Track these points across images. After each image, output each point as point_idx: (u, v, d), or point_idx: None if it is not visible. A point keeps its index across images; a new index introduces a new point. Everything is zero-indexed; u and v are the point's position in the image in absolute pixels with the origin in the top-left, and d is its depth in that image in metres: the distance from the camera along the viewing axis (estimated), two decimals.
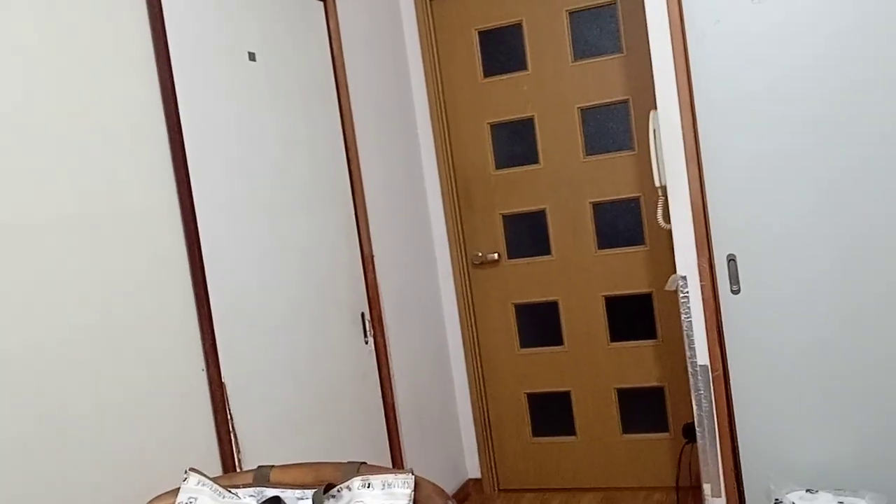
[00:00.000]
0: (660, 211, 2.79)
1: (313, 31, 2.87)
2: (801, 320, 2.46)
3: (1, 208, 1.63)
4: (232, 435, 2.21)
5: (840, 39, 2.33)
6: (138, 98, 2.03)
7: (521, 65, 3.49)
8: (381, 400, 3.03)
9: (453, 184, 3.63)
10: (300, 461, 2.49)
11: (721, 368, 2.57)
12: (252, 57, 2.51)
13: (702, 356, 2.58)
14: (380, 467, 1.48)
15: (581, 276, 3.51)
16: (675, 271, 2.63)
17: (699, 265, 2.55)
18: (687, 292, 2.57)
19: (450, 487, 3.56)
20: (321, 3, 2.94)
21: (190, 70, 2.23)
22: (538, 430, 3.68)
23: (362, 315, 2.97)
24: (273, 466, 1.56)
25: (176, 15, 2.19)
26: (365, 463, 1.49)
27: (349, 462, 1.49)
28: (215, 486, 1.51)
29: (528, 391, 3.66)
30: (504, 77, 3.52)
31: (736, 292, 2.51)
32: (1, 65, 1.67)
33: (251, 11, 2.54)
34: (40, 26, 1.77)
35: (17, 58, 1.71)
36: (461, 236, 3.64)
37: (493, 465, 3.73)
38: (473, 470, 3.75)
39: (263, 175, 2.50)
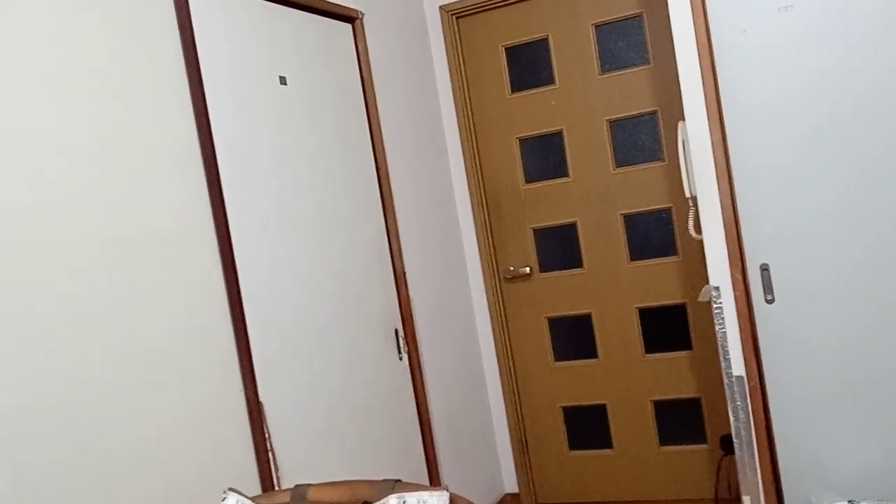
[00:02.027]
0: (691, 222, 2.78)
1: (342, 53, 2.91)
2: (837, 328, 2.43)
3: (41, 234, 1.68)
4: (270, 453, 2.24)
5: (869, 43, 2.31)
6: (173, 123, 2.07)
7: (548, 79, 3.51)
8: (416, 415, 3.05)
9: (483, 199, 3.65)
10: (337, 478, 2.51)
11: (757, 379, 2.54)
12: (283, 81, 2.56)
13: (737, 367, 2.56)
14: (415, 484, 1.49)
15: (614, 288, 3.50)
16: (708, 281, 2.61)
17: (732, 275, 2.54)
18: (721, 303, 2.56)
19: (487, 503, 3.56)
20: (349, 25, 2.98)
21: (222, 96, 2.28)
22: (574, 444, 3.66)
23: (396, 331, 2.99)
24: (310, 485, 1.58)
25: (207, 42, 2.24)
26: (400, 480, 1.51)
27: (384, 480, 1.51)
28: None
29: (564, 405, 3.65)
30: (532, 92, 3.54)
31: (770, 301, 2.49)
32: (43, 95, 1.72)
33: (281, 37, 2.59)
34: (78, 56, 1.83)
35: (57, 87, 1.76)
36: (492, 251, 3.66)
37: (530, 480, 3.72)
38: (511, 485, 3.74)
39: (296, 195, 2.54)
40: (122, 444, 1.79)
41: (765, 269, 2.49)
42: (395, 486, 1.50)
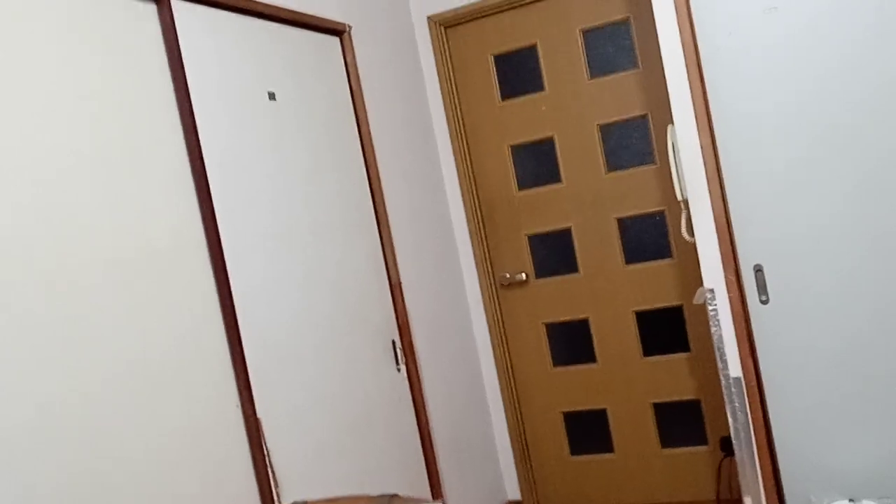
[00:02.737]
0: (683, 224, 2.79)
1: (331, 67, 2.92)
2: (832, 327, 2.43)
3: (42, 254, 1.68)
4: (269, 469, 2.24)
5: (855, 45, 2.32)
6: (162, 142, 2.08)
7: (538, 86, 3.52)
8: (416, 426, 3.05)
9: (477, 207, 3.65)
10: (338, 492, 2.51)
11: (755, 380, 2.54)
12: (272, 96, 2.56)
13: (734, 368, 2.56)
14: (412, 498, 1.49)
15: (610, 291, 3.51)
16: (703, 283, 2.62)
17: (726, 277, 2.54)
18: (715, 305, 2.56)
19: None
20: (337, 39, 2.99)
21: (211, 113, 2.29)
22: (576, 449, 3.66)
23: (393, 342, 2.99)
24: (307, 501, 1.59)
25: (194, 60, 2.25)
26: (397, 495, 1.51)
27: (381, 494, 1.51)
28: None
29: (564, 410, 3.65)
30: (522, 99, 3.54)
31: (765, 302, 2.49)
32: (39, 119, 1.73)
33: (268, 52, 2.59)
34: (68, 77, 1.83)
35: (49, 109, 1.77)
36: (488, 259, 3.66)
37: (532, 486, 3.71)
38: (513, 492, 3.74)
39: (289, 209, 2.55)
40: (121, 462, 1.80)
41: (758, 270, 2.49)
42: (392, 500, 1.50)
